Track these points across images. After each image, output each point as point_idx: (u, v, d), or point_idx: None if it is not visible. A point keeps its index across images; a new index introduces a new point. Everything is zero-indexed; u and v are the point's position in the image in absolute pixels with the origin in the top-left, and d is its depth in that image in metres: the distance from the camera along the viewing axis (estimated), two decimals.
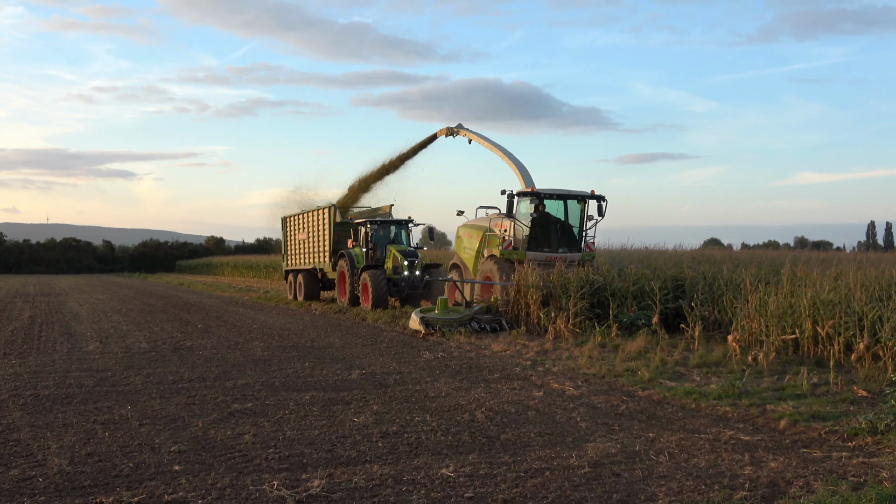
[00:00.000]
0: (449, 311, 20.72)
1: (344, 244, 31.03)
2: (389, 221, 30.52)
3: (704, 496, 7.06)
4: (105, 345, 18.83)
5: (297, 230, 35.55)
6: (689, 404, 11.32)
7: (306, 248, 34.21)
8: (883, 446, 8.73)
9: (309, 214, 34.09)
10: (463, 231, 27.20)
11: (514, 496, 7.12)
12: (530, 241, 23.18)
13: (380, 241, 29.78)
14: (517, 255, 22.88)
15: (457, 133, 30.74)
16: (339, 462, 8.29)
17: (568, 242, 23.80)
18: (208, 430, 9.74)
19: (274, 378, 13.78)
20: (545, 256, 22.93)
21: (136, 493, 7.23)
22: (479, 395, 12.09)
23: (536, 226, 23.26)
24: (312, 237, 33.44)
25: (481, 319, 20.38)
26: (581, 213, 23.79)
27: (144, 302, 36.26)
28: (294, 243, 35.97)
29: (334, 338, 20.21)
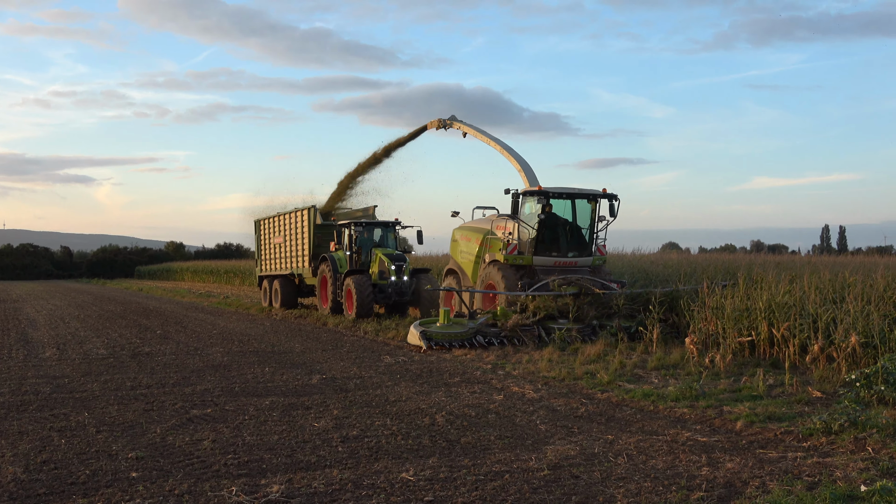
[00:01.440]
0: (452, 323, 18.34)
1: (325, 248, 28.77)
2: (375, 223, 28.18)
3: (662, 497, 7.11)
4: (62, 351, 18.59)
5: (272, 233, 33.38)
6: (647, 406, 11.39)
7: (283, 252, 32.09)
8: (837, 446, 8.84)
9: (286, 217, 31.83)
10: (459, 233, 24.55)
11: (473, 499, 7.12)
12: (537, 245, 20.76)
13: (365, 245, 27.44)
14: (523, 259, 20.66)
15: (449, 126, 28.14)
16: (299, 467, 8.24)
17: (578, 246, 21.36)
18: (166, 437, 9.64)
19: (233, 383, 13.68)
20: (553, 261, 20.81)
21: (92, 500, 7.14)
22: (440, 398, 12.09)
23: (544, 228, 20.85)
24: (290, 241, 31.21)
25: (487, 333, 18.01)
26: (592, 213, 21.31)
27: (103, 308, 35.84)
28: (269, 247, 33.88)
29: (295, 342, 20.10)
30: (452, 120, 27.82)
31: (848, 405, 9.89)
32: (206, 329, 24.32)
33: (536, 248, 20.68)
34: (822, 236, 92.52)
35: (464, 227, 24.28)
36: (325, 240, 28.90)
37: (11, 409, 11.48)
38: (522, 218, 20.92)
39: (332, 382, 13.72)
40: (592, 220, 21.29)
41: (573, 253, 21.09)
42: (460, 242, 24.26)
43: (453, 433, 9.76)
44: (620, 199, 20.67)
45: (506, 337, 17.87)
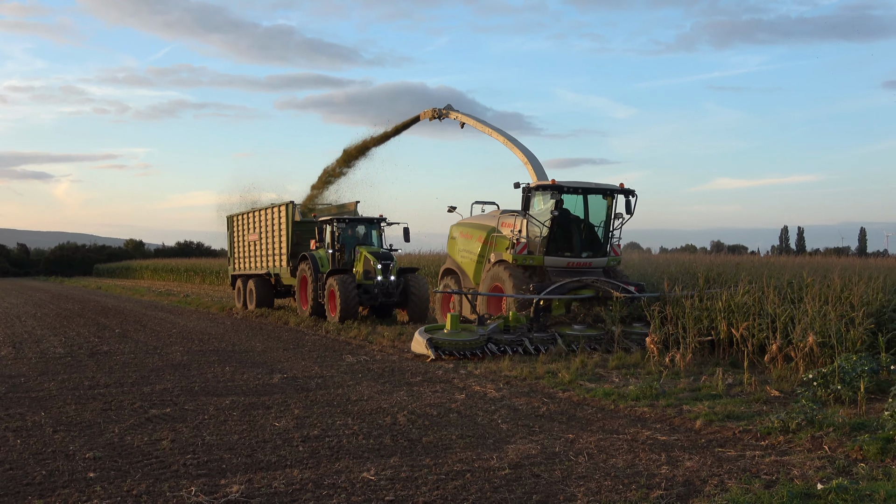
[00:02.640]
0: (461, 330, 16.42)
1: (304, 246, 27.19)
2: (359, 220, 26.38)
3: (622, 496, 7.15)
4: (18, 350, 18.34)
5: (246, 230, 31.46)
6: (608, 405, 11.44)
7: (258, 250, 30.26)
8: (794, 445, 8.94)
9: (261, 213, 29.96)
10: (458, 231, 22.45)
11: (434, 498, 7.12)
12: (549, 244, 18.96)
13: (348, 242, 25.63)
14: (534, 260, 18.89)
15: (444, 116, 26.42)
16: (259, 467, 8.20)
17: (592, 245, 19.64)
18: (125, 437, 9.54)
19: (193, 383, 13.57)
20: (567, 262, 19.12)
21: (48, 501, 7.06)
22: (402, 398, 12.07)
23: (556, 225, 18.99)
24: (266, 238, 29.41)
25: (500, 340, 16.25)
26: (608, 210, 19.58)
27: (60, 306, 35.43)
28: (243, 245, 32.00)
29: (256, 342, 19.99)
30: (448, 110, 26.37)
31: (805, 404, 10.01)
32: (165, 328, 24.12)
33: (548, 247, 18.99)
34: (781, 237, 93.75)
35: (463, 223, 22.42)
36: (304, 237, 27.42)
37: None
38: (533, 214, 19.19)
39: (293, 382, 13.66)
40: (608, 217, 19.63)
41: (587, 253, 19.47)
42: (459, 240, 22.29)
43: (415, 432, 9.75)
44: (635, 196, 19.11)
45: (520, 345, 16.29)
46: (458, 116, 25.77)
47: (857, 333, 13.47)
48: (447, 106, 26.39)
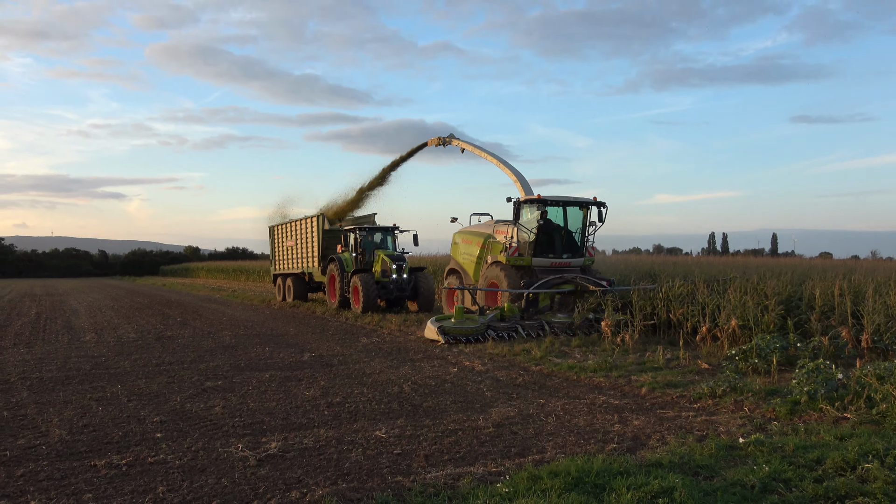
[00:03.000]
0: (465, 319, 16.11)
1: (332, 250, 27.17)
2: (377, 228, 26.25)
3: (583, 448, 7.14)
4: (100, 335, 18.27)
5: (285, 237, 31.26)
6: (571, 376, 11.43)
7: (295, 253, 30.07)
8: (721, 407, 8.95)
9: (297, 223, 29.82)
10: (460, 237, 22.30)
11: (433, 451, 7.11)
12: (536, 248, 18.85)
13: (368, 247, 25.64)
14: (523, 260, 18.78)
15: (448, 143, 26.15)
16: (293, 427, 8.18)
17: (571, 248, 19.48)
18: (185, 404, 9.52)
19: (240, 360, 13.53)
20: (550, 262, 18.99)
21: (124, 456, 7.03)
22: (406, 371, 12.05)
23: (542, 232, 18.85)
24: (301, 244, 29.31)
25: (497, 327, 15.98)
26: (584, 219, 19.44)
27: (133, 300, 35.29)
28: (282, 249, 31.73)
29: (289, 327, 19.94)
30: (451, 138, 26.03)
31: (729, 374, 10.01)
32: (217, 317, 24.04)
33: (535, 250, 18.86)
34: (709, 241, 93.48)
35: (463, 231, 22.22)
36: (332, 243, 27.47)
37: (58, 383, 11.27)
38: (522, 223, 19.14)
39: (319, 359, 13.63)
40: (584, 224, 19.48)
41: (567, 254, 19.35)
42: (461, 245, 22.14)
43: (417, 399, 9.73)
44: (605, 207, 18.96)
45: (514, 331, 15.94)
46: (459, 143, 25.58)
47: (770, 318, 13.50)
48: (450, 135, 26.12)
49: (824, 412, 8.17)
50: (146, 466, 6.72)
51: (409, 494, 5.77)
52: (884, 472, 5.89)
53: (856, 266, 20.85)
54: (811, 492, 5.62)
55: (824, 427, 7.56)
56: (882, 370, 8.31)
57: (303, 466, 6.67)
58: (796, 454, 6.55)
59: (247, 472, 6.52)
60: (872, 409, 7.99)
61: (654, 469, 6.19)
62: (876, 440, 6.81)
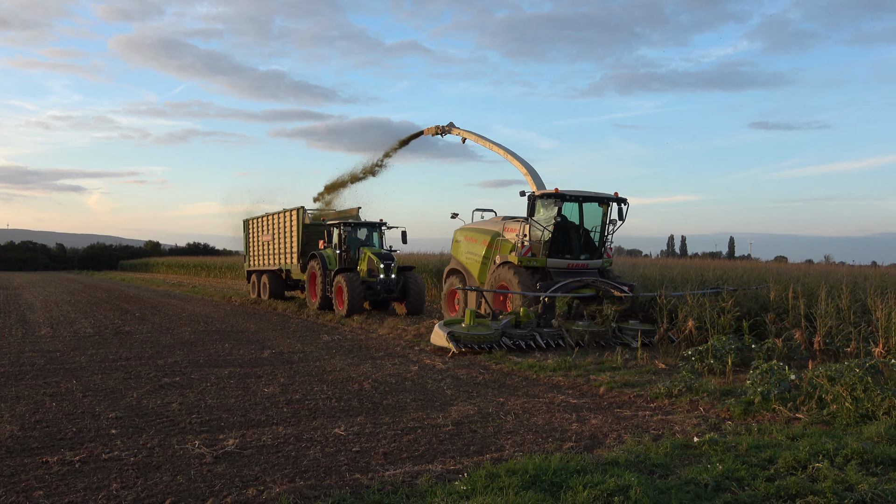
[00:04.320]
0: (478, 324, 14.28)
1: (312, 246, 25.36)
2: (363, 224, 24.27)
3: (541, 447, 7.17)
4: (55, 330, 17.92)
5: (261, 232, 29.29)
6: (531, 375, 11.47)
7: (271, 249, 28.13)
8: (676, 406, 9.04)
9: (275, 217, 27.82)
10: (463, 235, 19.95)
11: (392, 449, 7.09)
12: (551, 247, 16.91)
13: (352, 244, 23.66)
14: (537, 261, 16.76)
15: (447, 132, 24.05)
16: (251, 424, 8.10)
17: (589, 249, 17.61)
18: (142, 400, 9.37)
19: (199, 357, 13.37)
20: (567, 264, 17.04)
21: (77, 452, 6.90)
22: (367, 369, 12.00)
23: (557, 231, 16.95)
24: (278, 239, 27.35)
25: (513, 335, 14.18)
26: (603, 216, 17.49)
27: (91, 295, 34.69)
28: (257, 245, 29.74)
29: (250, 324, 19.75)
30: (451, 127, 23.84)
31: (685, 375, 10.13)
32: (176, 312, 23.72)
33: (550, 250, 16.90)
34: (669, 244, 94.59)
35: (467, 228, 19.99)
36: (313, 238, 25.55)
37: (10, 377, 11.02)
38: (536, 220, 17.11)
39: (279, 356, 13.52)
40: (603, 223, 17.52)
41: (585, 255, 17.41)
42: (464, 243, 19.77)
43: (377, 397, 9.70)
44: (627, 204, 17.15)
45: (532, 340, 14.18)
46: (461, 133, 23.39)
47: (726, 320, 13.68)
48: (449, 123, 23.94)
49: (777, 412, 8.30)
50: (100, 463, 6.60)
51: (367, 492, 5.74)
52: (833, 471, 6.00)
53: (809, 270, 21.23)
54: (763, 490, 5.70)
55: (777, 427, 7.68)
56: (833, 372, 8.47)
57: (260, 464, 6.60)
58: (749, 453, 6.64)
59: (203, 469, 6.43)
60: (823, 409, 8.14)
61: (611, 467, 6.23)
62: (826, 440, 6.93)
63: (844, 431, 7.43)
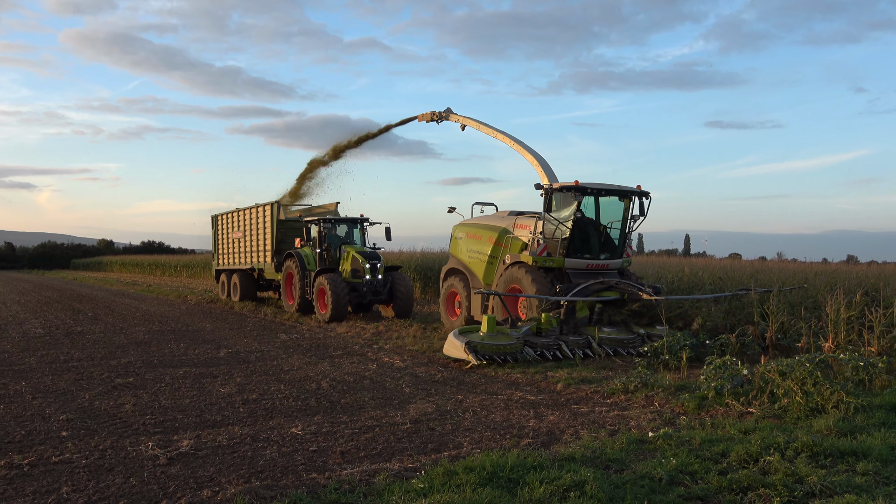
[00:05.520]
0: (497, 333, 12.80)
1: (287, 243, 23.71)
2: (344, 219, 22.34)
3: (498, 443, 7.21)
4: (3, 330, 17.52)
5: (230, 228, 27.59)
6: (489, 372, 11.50)
7: (242, 247, 26.40)
8: (632, 402, 9.16)
9: (246, 212, 26.06)
10: (464, 231, 18.08)
11: (349, 448, 7.07)
12: (570, 246, 15.28)
13: (332, 242, 21.71)
14: (554, 262, 15.13)
15: (444, 118, 22.01)
16: (206, 425, 8.01)
17: (609, 247, 16.04)
18: (94, 402, 9.21)
19: (153, 357, 13.18)
20: (586, 264, 15.49)
21: (26, 455, 6.76)
22: (325, 368, 11.95)
23: (577, 227, 15.38)
24: (250, 236, 25.63)
25: (536, 344, 12.66)
26: (624, 211, 15.93)
27: (41, 294, 33.96)
28: (227, 242, 28.01)
29: (206, 323, 19.52)
30: (448, 113, 21.94)
31: (641, 371, 10.24)
32: (130, 312, 23.34)
33: (568, 249, 15.25)
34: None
35: (468, 224, 18.15)
36: (288, 235, 23.87)
37: None
38: (553, 216, 15.47)
39: (236, 355, 13.39)
40: (625, 218, 15.99)
41: (605, 255, 15.86)
42: (466, 241, 17.88)
43: (335, 395, 9.66)
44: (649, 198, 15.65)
45: (557, 349, 12.73)
46: (460, 119, 21.48)
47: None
48: (447, 109, 22.12)
49: (730, 407, 8.46)
50: (50, 466, 6.47)
51: (324, 491, 5.72)
52: (784, 464, 6.14)
53: (762, 267, 21.67)
54: (716, 484, 5.81)
55: (730, 421, 7.82)
56: (784, 366, 8.65)
57: (215, 464, 6.54)
58: (703, 447, 6.76)
59: (156, 470, 6.35)
60: (775, 403, 8.31)
61: (567, 463, 6.29)
62: (778, 434, 7.08)
63: (795, 425, 7.60)
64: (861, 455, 6.45)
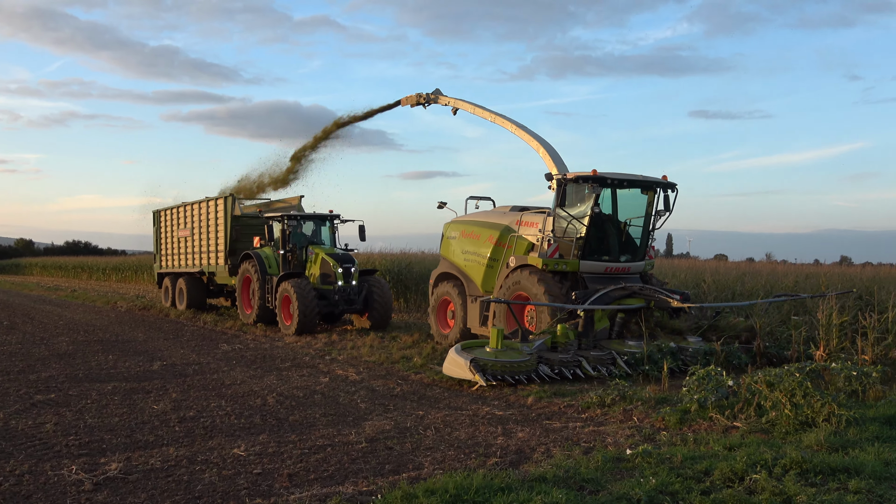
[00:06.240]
0: (507, 348, 11.86)
1: (243, 243, 22.27)
2: (313, 216, 21.06)
3: (463, 463, 7.23)
4: None
5: (176, 226, 26.07)
6: (453, 385, 11.53)
7: (190, 247, 24.92)
8: (609, 416, 9.24)
9: (195, 207, 24.60)
10: (458, 230, 16.93)
11: (298, 470, 7.04)
12: (586, 246, 14.30)
13: (299, 242, 20.41)
14: (568, 265, 14.16)
15: (433, 101, 20.81)
16: (138, 446, 7.92)
17: (629, 248, 15.04)
18: (9, 421, 9.05)
19: (78, 370, 13.00)
20: (605, 267, 14.50)
21: None
22: (272, 381, 11.88)
23: (593, 225, 14.33)
24: (199, 234, 24.15)
25: (552, 361, 11.75)
26: (648, 206, 14.88)
27: None
28: (172, 242, 26.46)
29: (138, 332, 19.30)
30: (438, 95, 20.73)
31: (619, 382, 10.33)
32: (52, 320, 22.99)
33: (584, 249, 14.31)
34: None
35: (464, 221, 17.02)
36: (245, 234, 22.43)
37: None
38: (565, 212, 14.44)
39: (172, 368, 13.26)
40: (648, 214, 14.94)
41: (626, 256, 14.93)
42: (461, 241, 16.72)
43: (282, 412, 9.61)
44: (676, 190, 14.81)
45: (577, 367, 11.87)
46: (451, 102, 20.20)
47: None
48: (435, 91, 20.97)
49: (714, 421, 8.57)
50: None
51: None
52: (771, 482, 6.23)
53: (749, 269, 22.00)
54: None
55: (714, 436, 7.93)
56: (772, 376, 8.78)
57: (147, 490, 6.46)
58: (684, 465, 6.84)
59: (81, 497, 6.26)
60: (762, 417, 8.44)
61: (538, 484, 6.32)
62: (765, 449, 7.19)
63: (783, 440, 7.73)
64: (853, 472, 6.57)
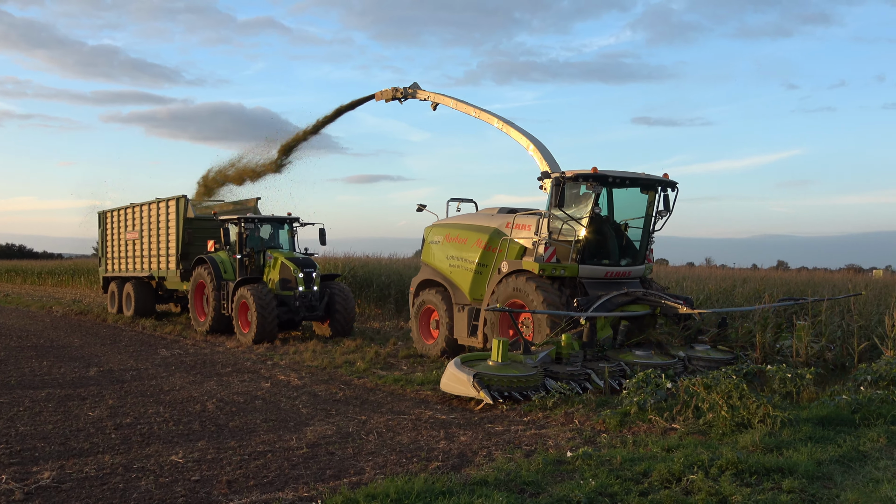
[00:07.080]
0: (510, 361, 10.86)
1: (195, 246, 21.29)
2: (271, 219, 20.18)
3: (405, 468, 7.23)
4: None
5: (123, 228, 24.87)
6: (397, 390, 11.54)
7: (139, 250, 23.79)
8: (551, 420, 9.32)
9: (144, 208, 23.53)
10: (442, 234, 15.85)
11: (237, 477, 6.97)
12: (585, 250, 13.46)
13: (256, 245, 19.60)
14: (566, 269, 13.26)
15: (410, 96, 19.82)
16: (72, 454, 7.77)
17: (629, 251, 14.28)
18: None
19: (9, 377, 12.69)
20: (604, 271, 13.66)
21: None
22: (212, 387, 11.75)
23: (593, 226, 13.52)
24: (148, 237, 23.11)
25: (559, 374, 10.93)
26: (648, 206, 14.12)
27: None
28: (118, 244, 25.26)
29: (74, 338, 18.91)
30: (416, 89, 19.79)
31: (561, 386, 10.43)
32: None
33: (583, 254, 13.48)
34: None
35: (448, 224, 15.99)
36: (198, 237, 21.46)
37: None
38: (562, 213, 13.59)
39: (108, 374, 13.03)
40: (648, 215, 14.19)
41: (626, 260, 14.15)
42: (445, 245, 15.66)
43: (222, 418, 9.52)
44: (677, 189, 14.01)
45: (587, 380, 11.06)
46: (430, 96, 19.36)
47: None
48: (413, 84, 20.02)
49: (653, 423, 8.71)
50: None
51: None
52: (708, 483, 6.36)
53: (690, 273, 22.40)
54: None
55: (653, 438, 8.06)
56: (709, 379, 8.96)
57: (81, 499, 6.35)
58: (623, 467, 6.94)
59: None
60: (700, 418, 8.61)
61: (479, 487, 6.37)
62: (702, 451, 7.33)
63: (720, 441, 7.89)
64: (787, 472, 6.74)
